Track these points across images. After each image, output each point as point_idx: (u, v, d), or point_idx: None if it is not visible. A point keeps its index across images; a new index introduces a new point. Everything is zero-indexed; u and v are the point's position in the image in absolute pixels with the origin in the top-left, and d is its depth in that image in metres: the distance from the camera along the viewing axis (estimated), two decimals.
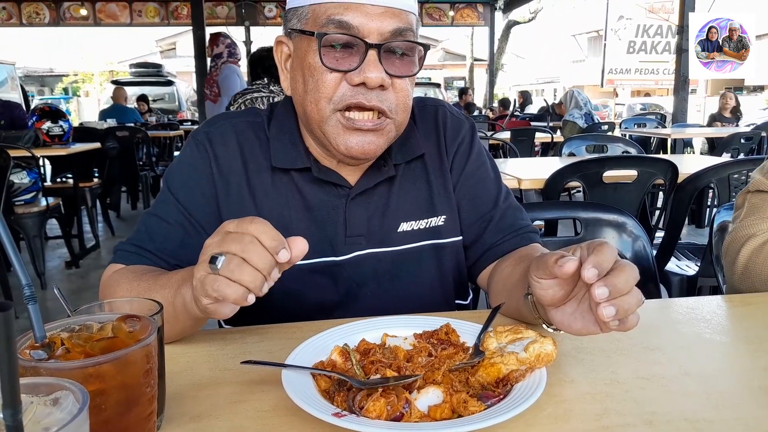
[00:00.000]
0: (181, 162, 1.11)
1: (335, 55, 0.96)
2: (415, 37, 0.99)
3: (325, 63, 0.96)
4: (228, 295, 0.71)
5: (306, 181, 1.09)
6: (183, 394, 0.78)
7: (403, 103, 1.01)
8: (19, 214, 4.16)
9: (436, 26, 15.92)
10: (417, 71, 1.01)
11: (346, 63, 0.96)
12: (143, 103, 10.90)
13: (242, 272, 0.70)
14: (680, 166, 2.86)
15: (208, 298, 0.75)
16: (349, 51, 0.96)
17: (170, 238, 1.05)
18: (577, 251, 0.74)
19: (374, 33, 0.95)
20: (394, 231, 1.11)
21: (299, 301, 1.08)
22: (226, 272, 0.71)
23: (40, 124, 4.74)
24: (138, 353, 0.51)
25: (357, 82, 0.96)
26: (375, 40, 0.95)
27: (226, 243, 0.72)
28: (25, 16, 13.71)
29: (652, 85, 27.67)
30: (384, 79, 0.96)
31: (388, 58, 0.97)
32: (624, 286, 0.70)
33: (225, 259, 0.71)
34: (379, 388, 0.68)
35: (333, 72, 0.97)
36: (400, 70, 0.99)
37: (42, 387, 0.42)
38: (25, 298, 0.51)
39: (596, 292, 0.70)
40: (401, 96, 1.00)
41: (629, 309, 0.71)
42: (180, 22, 14.30)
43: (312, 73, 0.98)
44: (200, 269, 0.75)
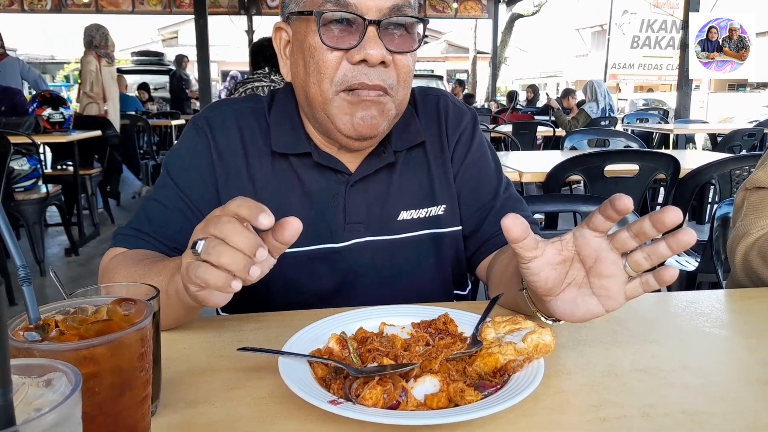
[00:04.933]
0: (181, 147, 1.11)
1: (335, 34, 0.96)
2: (414, 13, 0.99)
3: (325, 41, 0.95)
4: (209, 281, 0.68)
5: (306, 167, 1.08)
6: (179, 381, 0.77)
7: (404, 80, 1.01)
8: (18, 201, 4.16)
9: (439, 18, 15.84)
10: (417, 47, 1.01)
11: (346, 41, 0.96)
12: (144, 92, 10.88)
13: (220, 254, 0.66)
14: (682, 161, 2.86)
15: (194, 286, 0.71)
16: (348, 29, 0.96)
17: (169, 223, 1.05)
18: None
19: (373, 9, 0.95)
20: (394, 219, 1.11)
21: (297, 288, 1.08)
22: (206, 256, 0.68)
23: (41, 111, 4.74)
24: (132, 336, 0.51)
25: (357, 60, 0.95)
26: (374, 17, 0.95)
27: (208, 226, 0.69)
28: (27, 3, 13.64)
29: (655, 81, 27.60)
30: (384, 55, 0.95)
31: (387, 35, 0.97)
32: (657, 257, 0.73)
33: (205, 243, 0.68)
34: (376, 376, 0.68)
35: (333, 51, 0.96)
36: (401, 46, 0.98)
37: (35, 368, 0.41)
38: (20, 279, 0.50)
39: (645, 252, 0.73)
40: (403, 72, 1.00)
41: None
42: (182, 11, 14.21)
43: (312, 54, 0.98)
44: (186, 256, 0.74)
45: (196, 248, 0.69)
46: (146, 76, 13.83)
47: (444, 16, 15.37)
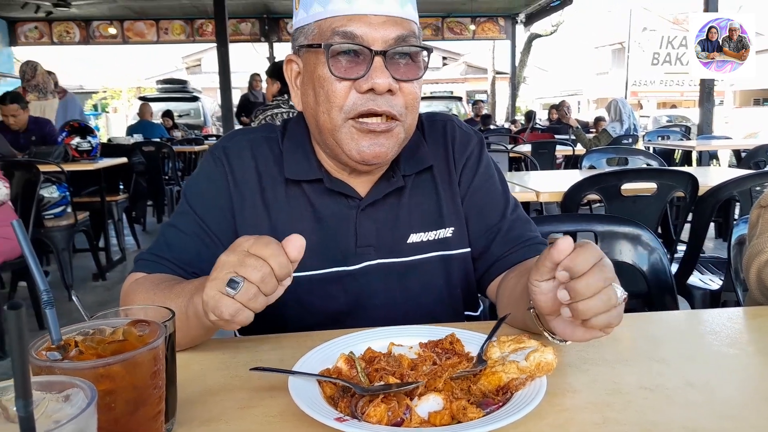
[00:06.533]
0: (199, 175, 1.16)
1: (343, 65, 1.00)
2: (418, 43, 1.03)
3: (334, 72, 1.00)
4: (242, 321, 0.77)
5: (318, 193, 1.12)
6: (195, 400, 0.81)
7: (412, 105, 1.05)
8: (48, 228, 4.28)
9: (457, 40, 15.99)
10: (422, 74, 1.05)
11: (354, 71, 1.00)
12: (168, 119, 11.11)
13: (257, 302, 0.76)
14: (704, 178, 2.83)
15: (218, 317, 0.79)
16: (356, 60, 1.00)
17: (187, 248, 1.09)
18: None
19: (378, 41, 0.99)
20: (403, 242, 1.13)
21: (311, 310, 1.11)
22: (244, 299, 0.76)
23: (70, 140, 4.89)
24: (146, 355, 0.54)
25: (365, 89, 0.99)
26: (380, 47, 0.99)
27: (247, 269, 0.75)
28: (56, 35, 14.15)
29: (677, 97, 27.36)
30: (391, 83, 0.99)
31: (393, 64, 1.01)
32: (585, 290, 0.73)
33: (244, 287, 0.75)
34: (381, 394, 0.70)
35: (342, 81, 1.00)
36: (406, 74, 1.02)
37: (55, 385, 0.45)
38: (42, 303, 0.54)
39: (558, 295, 0.76)
40: (409, 99, 1.04)
41: (591, 312, 0.74)
42: (205, 39, 14.61)
43: (322, 84, 1.02)
44: (213, 286, 0.78)
45: (236, 289, 0.75)
46: (171, 103, 14.13)
47: (462, 38, 15.52)
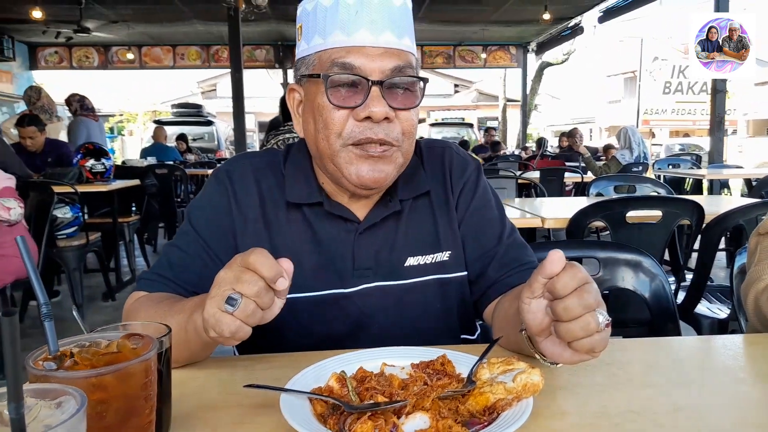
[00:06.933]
0: (203, 197, 1.19)
1: (341, 94, 1.04)
2: (414, 73, 1.06)
3: (333, 101, 1.03)
4: (241, 337, 0.80)
5: (318, 216, 1.15)
6: (190, 415, 0.82)
7: (408, 131, 1.08)
8: (60, 248, 4.34)
9: (469, 68, 16.16)
10: (419, 102, 1.08)
11: (352, 100, 1.03)
12: (182, 143, 11.28)
13: (254, 316, 0.79)
14: (713, 207, 2.82)
15: (218, 335, 0.80)
16: (354, 90, 1.04)
17: (189, 268, 1.12)
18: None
19: (376, 71, 1.02)
20: (401, 265, 1.16)
21: (309, 331, 1.13)
22: (242, 315, 0.78)
23: (84, 162, 4.99)
24: (137, 367, 0.56)
25: (363, 117, 1.03)
26: (377, 78, 1.02)
27: (243, 285, 0.78)
28: (76, 60, 14.51)
29: (690, 126, 27.32)
30: (387, 112, 1.03)
31: (390, 94, 1.04)
32: (563, 314, 0.75)
33: (242, 303, 0.77)
34: (368, 412, 0.72)
35: (340, 109, 1.04)
36: (403, 103, 1.06)
37: (49, 392, 0.47)
38: (42, 315, 0.57)
39: (546, 311, 0.78)
40: (406, 126, 1.07)
41: (570, 336, 0.75)
42: (220, 65, 14.90)
43: (321, 112, 1.06)
44: (212, 304, 0.80)
45: (233, 305, 0.78)
46: (185, 127, 14.36)
47: (473, 66, 15.68)
